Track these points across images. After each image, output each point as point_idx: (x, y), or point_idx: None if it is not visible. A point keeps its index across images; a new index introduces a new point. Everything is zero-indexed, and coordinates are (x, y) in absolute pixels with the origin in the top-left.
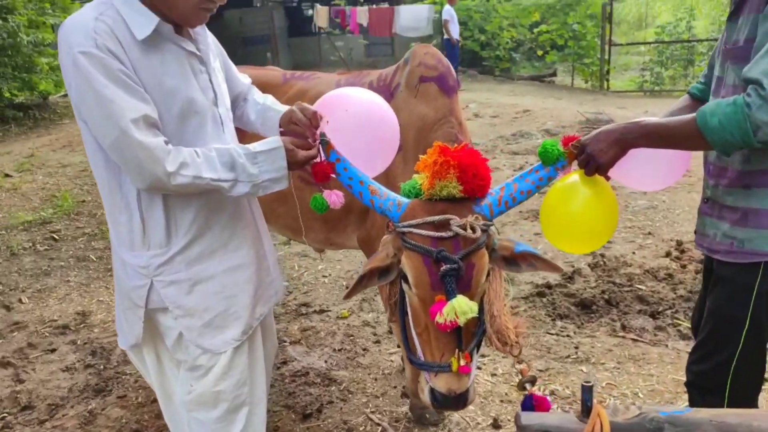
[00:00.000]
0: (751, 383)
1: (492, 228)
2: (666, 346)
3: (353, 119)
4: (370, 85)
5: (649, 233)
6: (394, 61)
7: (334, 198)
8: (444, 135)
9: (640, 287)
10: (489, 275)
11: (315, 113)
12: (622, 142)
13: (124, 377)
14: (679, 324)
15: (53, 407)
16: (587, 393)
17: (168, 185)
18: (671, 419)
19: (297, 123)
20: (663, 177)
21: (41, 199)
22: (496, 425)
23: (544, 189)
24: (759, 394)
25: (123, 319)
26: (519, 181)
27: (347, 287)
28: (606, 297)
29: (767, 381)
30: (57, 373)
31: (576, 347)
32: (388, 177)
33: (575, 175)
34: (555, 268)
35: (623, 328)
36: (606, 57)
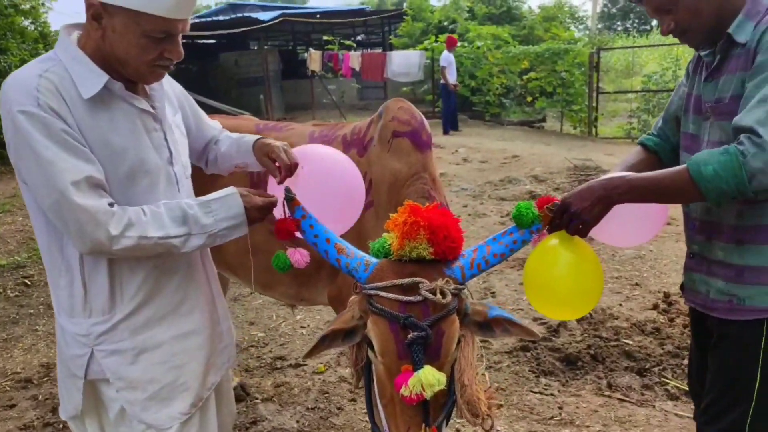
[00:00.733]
0: None
1: (464, 291)
2: (653, 406)
3: (313, 177)
4: (343, 138)
5: (636, 284)
6: None
7: (298, 257)
8: (417, 191)
9: (627, 342)
10: (460, 342)
11: (296, 163)
12: (606, 198)
13: None
14: (667, 383)
15: None
16: None
17: (111, 249)
18: None
19: (275, 159)
20: (643, 232)
21: (18, 242)
22: None
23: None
24: None
25: (63, 388)
26: (492, 244)
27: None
28: (592, 352)
29: None
30: None
31: (560, 407)
32: (359, 234)
33: (554, 239)
34: (531, 333)
35: (609, 386)
36: (594, 104)
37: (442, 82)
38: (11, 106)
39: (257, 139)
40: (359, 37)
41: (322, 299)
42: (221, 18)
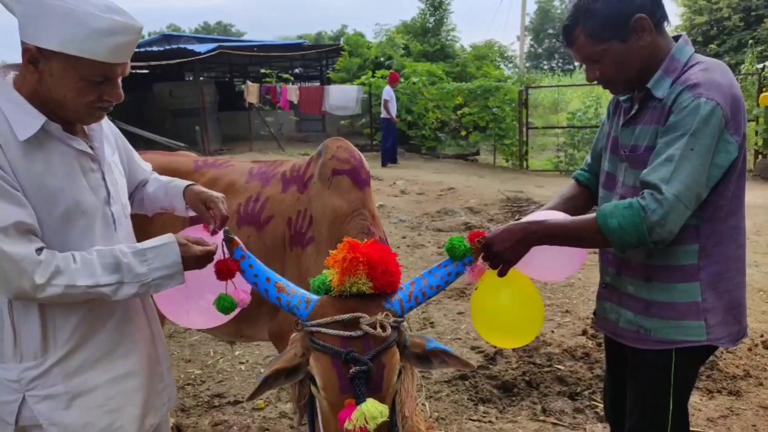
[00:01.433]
0: None
1: (403, 324)
2: (584, 429)
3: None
4: (283, 176)
5: (567, 311)
6: (325, 137)
7: (243, 296)
8: (357, 227)
9: (559, 367)
10: (401, 374)
11: (228, 216)
12: (525, 241)
13: None
14: (596, 406)
15: None
16: None
17: (36, 297)
18: None
19: (211, 207)
20: (566, 268)
21: None
22: None
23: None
24: None
25: None
26: (428, 276)
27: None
28: (527, 378)
29: None
30: None
31: None
32: (300, 270)
33: (491, 276)
34: (466, 364)
35: (544, 411)
36: (524, 138)
37: (383, 116)
38: None
39: (188, 185)
40: (297, 71)
41: (262, 335)
42: (155, 49)
